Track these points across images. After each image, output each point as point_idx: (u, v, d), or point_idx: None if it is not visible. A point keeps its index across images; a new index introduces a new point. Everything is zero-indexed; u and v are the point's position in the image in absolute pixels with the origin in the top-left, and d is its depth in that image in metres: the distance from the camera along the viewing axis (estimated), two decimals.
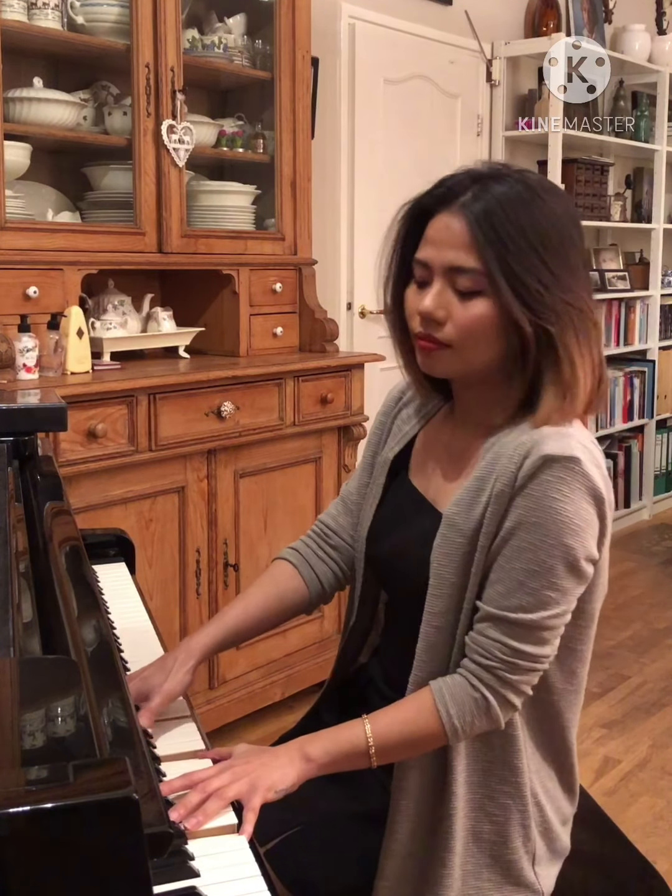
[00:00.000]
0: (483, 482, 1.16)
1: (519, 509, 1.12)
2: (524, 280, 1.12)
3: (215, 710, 2.63)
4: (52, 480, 1.42)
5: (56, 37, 2.47)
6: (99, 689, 0.91)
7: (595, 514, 1.13)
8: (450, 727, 1.13)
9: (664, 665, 3.34)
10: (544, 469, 1.10)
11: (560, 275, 1.13)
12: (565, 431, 1.13)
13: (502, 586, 1.13)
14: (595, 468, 1.12)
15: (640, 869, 1.38)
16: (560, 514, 1.10)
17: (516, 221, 1.12)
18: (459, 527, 1.17)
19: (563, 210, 1.17)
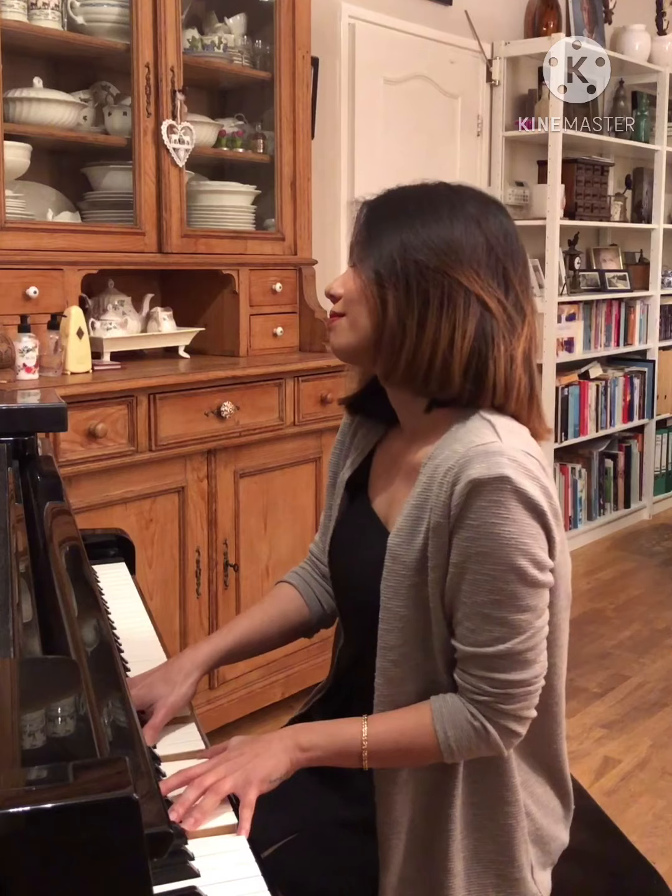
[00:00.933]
0: (421, 510, 1.14)
1: (463, 542, 1.09)
2: (382, 240, 1.15)
3: (215, 710, 2.63)
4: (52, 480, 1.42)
5: (56, 37, 2.47)
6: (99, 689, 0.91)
7: (539, 525, 1.09)
8: (445, 748, 1.12)
9: (664, 665, 3.34)
10: (475, 496, 1.07)
11: (424, 237, 1.14)
12: (493, 448, 1.08)
13: (470, 623, 1.10)
14: (528, 480, 1.08)
15: (640, 869, 1.38)
16: (504, 537, 1.07)
17: (400, 198, 1.18)
18: (402, 559, 1.15)
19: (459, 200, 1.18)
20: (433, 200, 1.17)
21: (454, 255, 1.13)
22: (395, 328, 1.14)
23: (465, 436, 1.13)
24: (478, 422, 1.14)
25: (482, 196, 1.21)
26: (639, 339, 5.01)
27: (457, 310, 1.13)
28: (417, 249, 1.13)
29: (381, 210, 1.18)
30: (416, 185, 1.22)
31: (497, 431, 1.12)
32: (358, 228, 1.19)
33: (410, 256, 1.13)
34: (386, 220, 1.17)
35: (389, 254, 1.14)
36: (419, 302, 1.13)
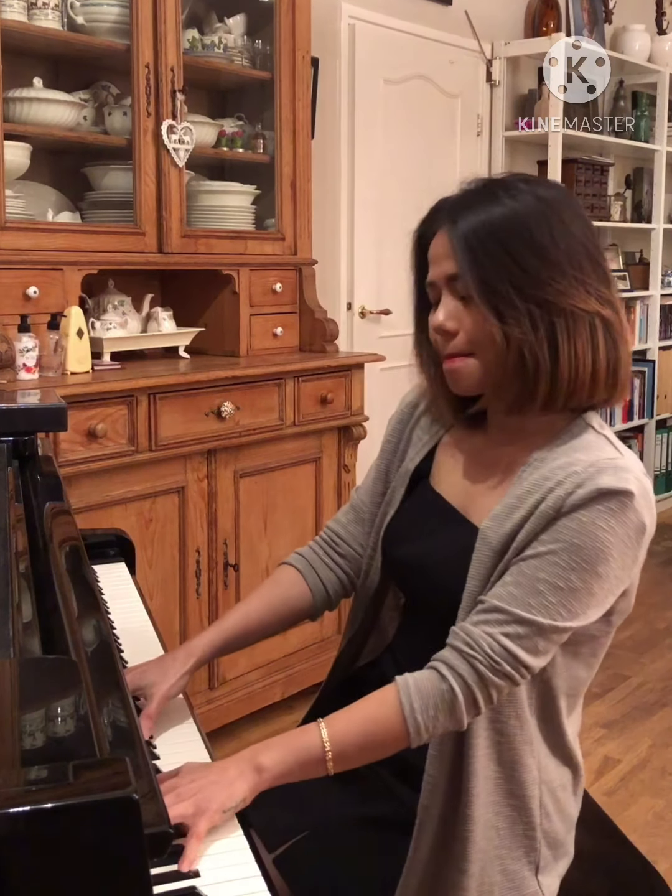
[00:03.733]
0: (523, 500, 1.15)
1: (562, 528, 1.10)
2: (491, 278, 1.13)
3: (215, 710, 2.63)
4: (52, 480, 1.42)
5: (56, 37, 2.47)
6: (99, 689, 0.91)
7: (635, 545, 1.12)
8: (412, 722, 1.08)
9: (664, 665, 3.34)
10: (597, 500, 1.09)
11: (537, 274, 1.12)
12: (622, 464, 1.12)
13: (517, 589, 1.10)
14: (645, 502, 1.12)
15: (641, 869, 1.38)
16: (603, 542, 1.09)
17: (488, 224, 1.14)
18: (490, 541, 1.16)
19: (548, 207, 1.16)
20: (527, 217, 1.14)
21: (567, 278, 1.14)
22: (529, 362, 1.14)
23: (587, 448, 1.15)
24: (592, 435, 1.17)
25: (557, 188, 1.21)
26: (639, 339, 5.01)
27: (584, 329, 1.14)
28: (533, 283, 1.13)
29: (478, 236, 1.14)
30: (495, 190, 1.17)
31: (617, 448, 1.16)
32: (457, 257, 1.15)
33: (529, 292, 1.12)
34: (487, 250, 1.13)
35: (506, 291, 1.12)
36: (547, 334, 1.13)
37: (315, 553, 1.42)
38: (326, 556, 1.42)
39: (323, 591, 1.40)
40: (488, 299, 1.13)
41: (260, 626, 1.37)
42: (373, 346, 3.42)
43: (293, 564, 1.41)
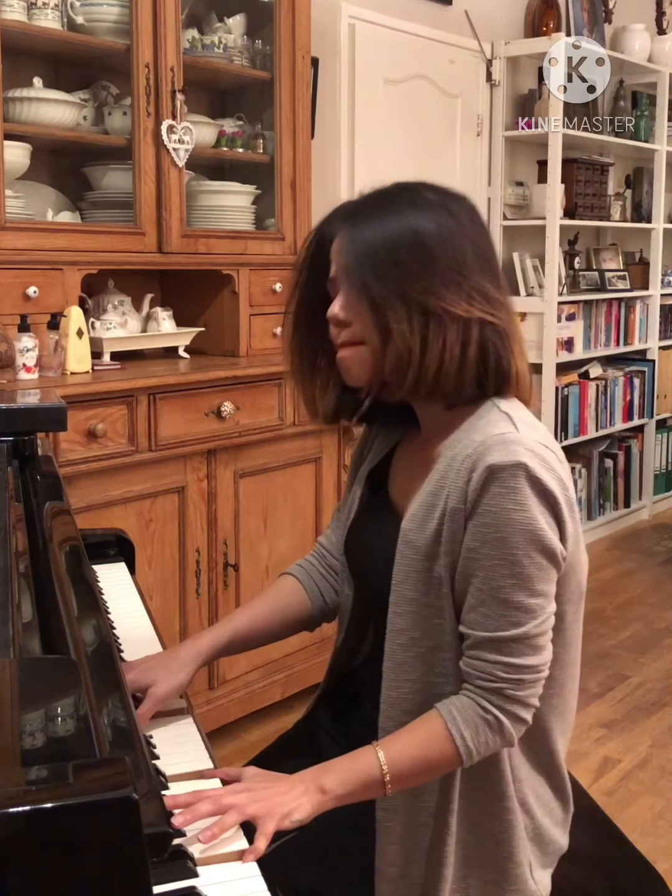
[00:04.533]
0: (436, 497, 1.17)
1: (479, 527, 1.11)
2: (368, 273, 1.17)
3: (215, 710, 2.63)
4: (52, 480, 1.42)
5: (56, 37, 2.47)
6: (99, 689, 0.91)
7: (551, 513, 1.12)
8: (464, 750, 1.11)
9: (664, 665, 3.34)
10: (492, 481, 1.10)
11: (409, 269, 1.16)
12: (511, 437, 1.12)
13: (486, 608, 1.12)
14: (544, 469, 1.11)
15: (640, 869, 1.38)
16: (520, 522, 1.10)
17: (377, 223, 1.18)
18: (415, 543, 1.17)
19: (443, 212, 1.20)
20: (419, 221, 1.18)
21: (450, 276, 1.16)
22: (402, 353, 1.16)
23: (484, 427, 1.16)
24: (496, 414, 1.18)
25: (456, 195, 1.25)
26: (639, 338, 5.01)
27: (456, 327, 1.16)
28: (413, 276, 1.16)
29: (371, 231, 1.19)
30: (394, 194, 1.23)
31: (514, 423, 1.15)
32: (347, 251, 1.19)
33: (408, 293, 1.16)
34: (378, 244, 1.17)
35: (387, 290, 1.16)
36: (420, 328, 1.16)
37: (311, 565, 1.45)
38: (321, 566, 1.45)
39: (321, 599, 1.43)
40: (365, 291, 1.17)
41: (263, 631, 1.39)
42: None
43: (293, 574, 1.44)
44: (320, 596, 1.42)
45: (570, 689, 1.26)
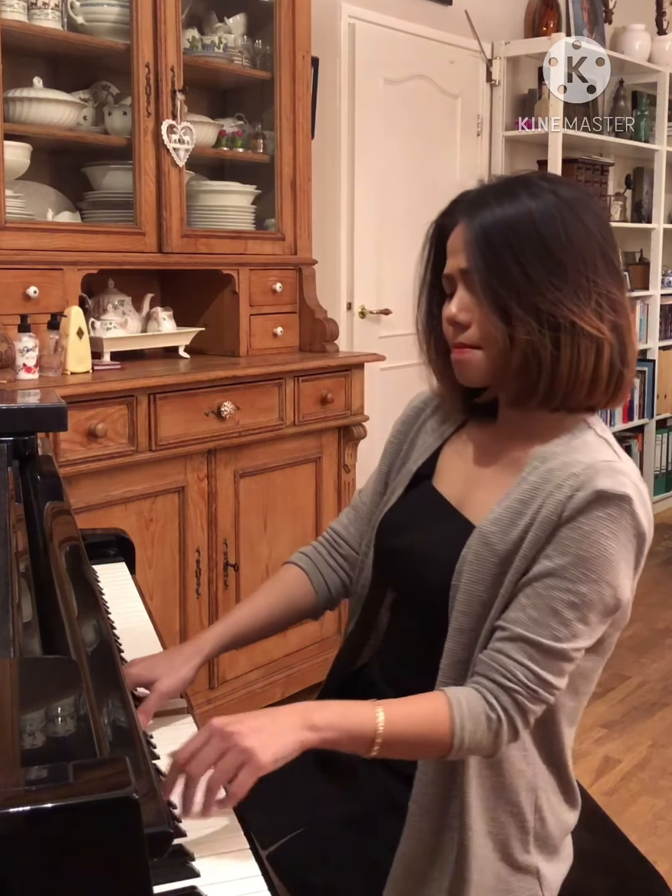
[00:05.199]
0: (526, 505, 1.16)
1: (566, 540, 1.11)
2: (496, 282, 1.15)
3: (215, 710, 2.63)
4: (52, 480, 1.42)
5: (56, 37, 2.47)
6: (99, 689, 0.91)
7: (634, 552, 1.13)
8: (458, 740, 1.09)
9: (664, 665, 3.34)
10: (596, 505, 1.10)
11: (540, 281, 1.14)
12: (619, 467, 1.13)
13: (536, 612, 1.11)
14: (642, 507, 1.12)
15: (641, 869, 1.38)
16: (607, 550, 1.10)
17: (502, 223, 1.15)
18: (495, 546, 1.16)
19: (565, 208, 1.17)
20: (541, 218, 1.16)
21: (571, 288, 1.15)
22: (531, 362, 1.16)
23: (585, 448, 1.17)
24: (593, 437, 1.19)
25: (576, 188, 1.22)
26: (639, 338, 5.01)
27: (587, 338, 1.16)
28: (535, 292, 1.14)
29: (489, 235, 1.16)
30: (515, 187, 1.19)
31: (615, 451, 1.18)
32: (469, 253, 1.17)
33: (530, 300, 1.14)
34: (496, 251, 1.15)
35: (509, 295, 1.15)
36: (552, 337, 1.15)
37: (318, 553, 1.43)
38: (329, 556, 1.43)
39: (326, 590, 1.41)
40: (493, 300, 1.16)
41: (266, 624, 1.38)
42: (373, 346, 3.42)
43: (298, 564, 1.43)
44: (325, 586, 1.41)
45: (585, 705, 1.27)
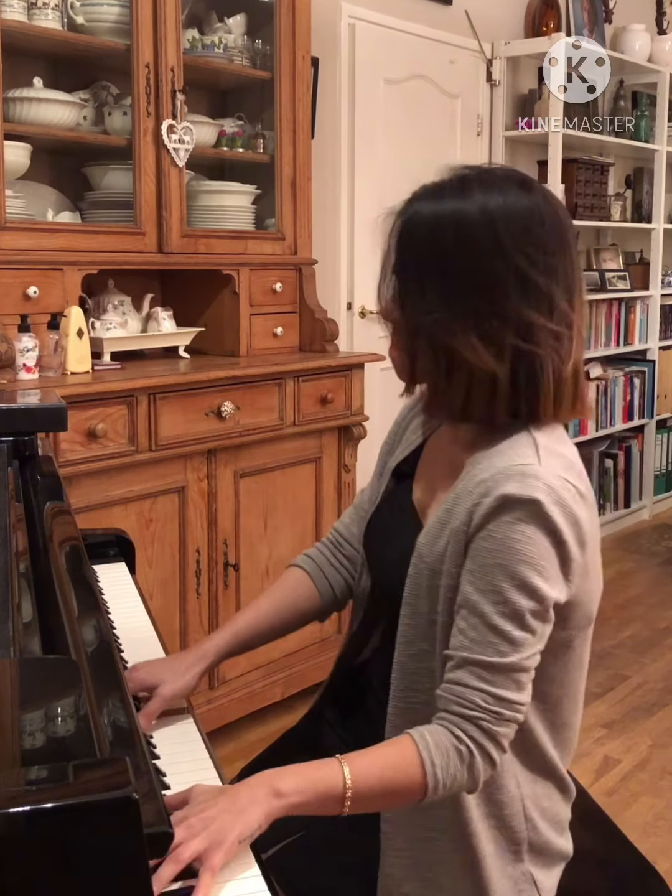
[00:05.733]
0: (449, 514, 1.14)
1: (480, 552, 1.08)
2: (402, 292, 1.15)
3: (215, 710, 2.63)
4: (52, 480, 1.42)
5: (56, 37, 2.47)
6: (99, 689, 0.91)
7: (556, 554, 1.09)
8: (432, 779, 1.05)
9: (664, 665, 3.34)
10: (502, 511, 1.07)
11: (430, 297, 1.12)
12: (531, 471, 1.09)
13: (475, 632, 1.08)
14: (557, 507, 1.08)
15: (641, 869, 1.38)
16: (523, 553, 1.06)
17: (424, 237, 1.14)
18: (426, 559, 1.16)
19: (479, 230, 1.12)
20: (453, 229, 1.13)
21: (489, 311, 1.11)
22: (429, 380, 1.17)
23: (507, 451, 1.13)
24: (524, 438, 1.14)
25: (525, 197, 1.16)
26: (639, 338, 5.01)
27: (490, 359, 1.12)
28: (433, 306, 1.12)
29: (406, 236, 1.15)
30: (451, 187, 1.18)
31: (538, 452, 1.12)
32: (396, 259, 1.16)
33: (423, 318, 1.13)
34: (409, 253, 1.14)
35: (410, 306, 1.14)
36: (445, 360, 1.13)
37: (322, 554, 1.43)
38: (333, 557, 1.42)
39: (331, 592, 1.41)
40: (399, 309, 1.16)
41: (270, 629, 1.38)
42: (373, 346, 3.42)
43: (302, 566, 1.42)
44: (330, 588, 1.40)
45: (569, 708, 1.23)
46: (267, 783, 1.00)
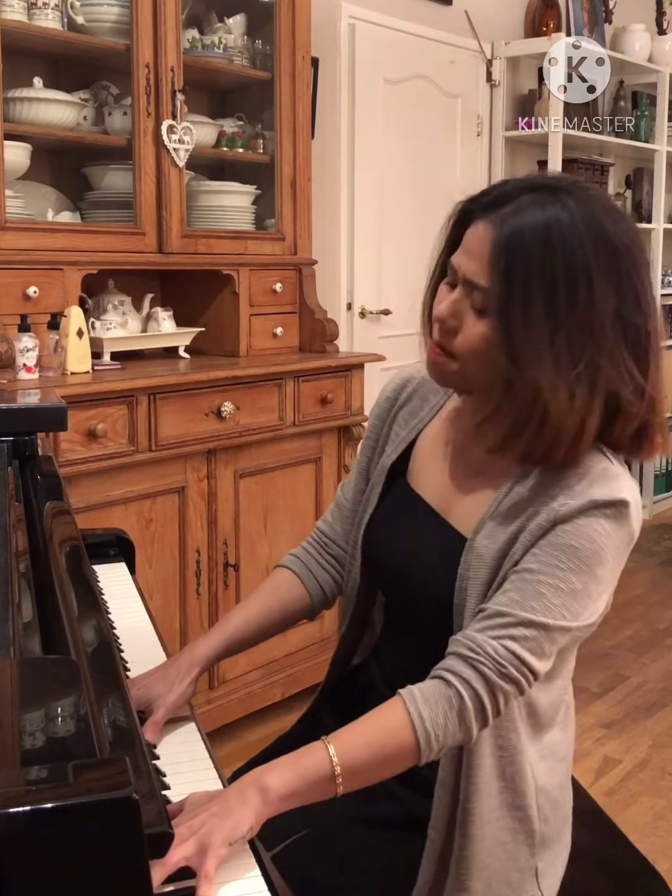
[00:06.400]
0: (513, 513, 1.14)
1: (559, 534, 1.09)
2: (515, 317, 1.06)
3: (215, 710, 2.63)
4: (52, 480, 1.42)
5: (56, 37, 2.47)
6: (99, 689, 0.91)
7: (623, 554, 1.13)
8: (422, 733, 1.03)
9: (664, 665, 3.34)
10: (593, 510, 1.09)
11: (561, 321, 1.06)
12: (613, 472, 1.11)
13: (518, 594, 1.08)
14: (636, 512, 1.11)
15: (641, 869, 1.38)
16: (600, 545, 1.08)
17: (535, 254, 1.06)
18: (485, 557, 1.15)
19: (603, 246, 1.08)
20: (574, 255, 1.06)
21: (601, 334, 1.07)
22: (528, 403, 1.08)
23: (580, 458, 1.12)
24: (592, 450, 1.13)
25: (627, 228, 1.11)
26: None
27: (598, 391, 1.08)
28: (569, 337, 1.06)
29: (521, 258, 1.06)
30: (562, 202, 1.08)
31: (608, 456, 1.13)
32: (490, 275, 1.08)
33: (543, 340, 1.06)
34: (532, 284, 1.06)
35: (538, 338, 1.06)
36: (566, 388, 1.06)
37: (309, 554, 1.42)
38: (320, 556, 1.42)
39: (320, 591, 1.40)
40: (507, 338, 1.07)
41: (260, 631, 1.37)
42: (373, 346, 3.42)
43: (289, 567, 1.41)
44: (319, 588, 1.40)
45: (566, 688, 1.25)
46: (254, 782, 0.99)
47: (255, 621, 1.36)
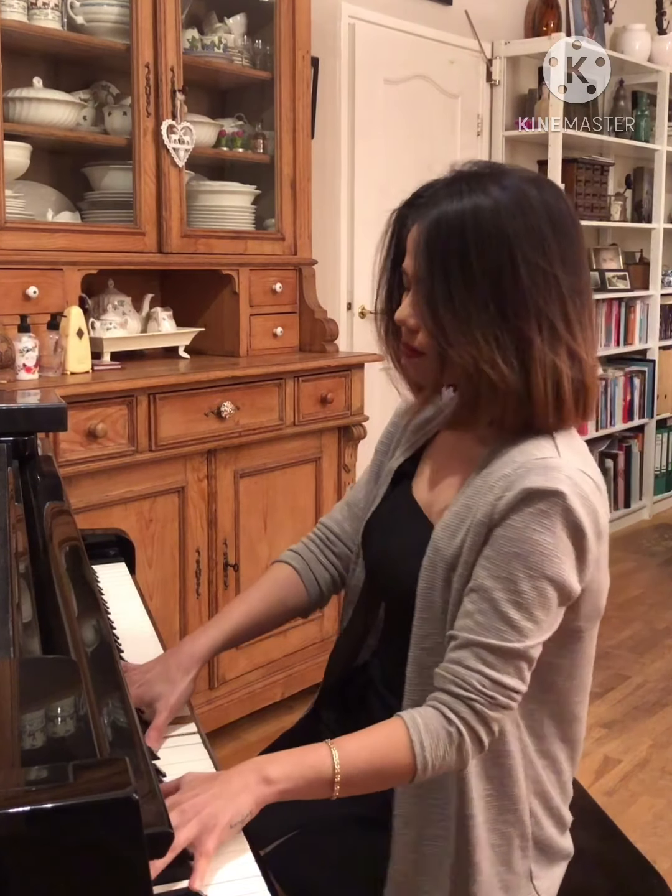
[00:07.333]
0: (468, 509, 1.15)
1: (500, 540, 1.10)
2: (436, 297, 1.12)
3: (215, 710, 2.63)
4: (52, 480, 1.42)
5: (56, 37, 2.47)
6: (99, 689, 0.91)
7: (574, 547, 1.10)
8: (421, 761, 1.06)
9: (664, 665, 3.34)
10: (526, 503, 1.08)
11: (482, 291, 1.11)
12: (553, 464, 1.10)
13: (482, 616, 1.09)
14: (579, 499, 1.09)
15: (641, 869, 1.38)
16: (542, 545, 1.08)
17: (454, 233, 1.12)
18: (443, 552, 1.16)
19: (524, 215, 1.12)
20: (483, 224, 1.11)
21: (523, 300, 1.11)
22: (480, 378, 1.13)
23: (526, 447, 1.14)
24: (541, 434, 1.16)
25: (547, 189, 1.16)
26: (639, 338, 5.01)
27: (532, 357, 1.13)
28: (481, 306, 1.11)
29: (440, 242, 1.12)
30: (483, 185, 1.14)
31: (557, 447, 1.14)
32: (419, 258, 1.14)
33: (480, 320, 1.11)
34: (450, 258, 1.11)
35: (461, 311, 1.11)
36: (490, 350, 1.11)
37: (310, 551, 1.43)
38: (322, 553, 1.42)
39: (317, 588, 1.41)
40: (432, 314, 1.13)
41: (258, 623, 1.38)
42: (373, 346, 3.39)
43: (288, 562, 1.42)
44: (317, 585, 1.40)
45: (576, 701, 1.25)
46: (257, 770, 1.02)
47: (253, 615, 1.36)
